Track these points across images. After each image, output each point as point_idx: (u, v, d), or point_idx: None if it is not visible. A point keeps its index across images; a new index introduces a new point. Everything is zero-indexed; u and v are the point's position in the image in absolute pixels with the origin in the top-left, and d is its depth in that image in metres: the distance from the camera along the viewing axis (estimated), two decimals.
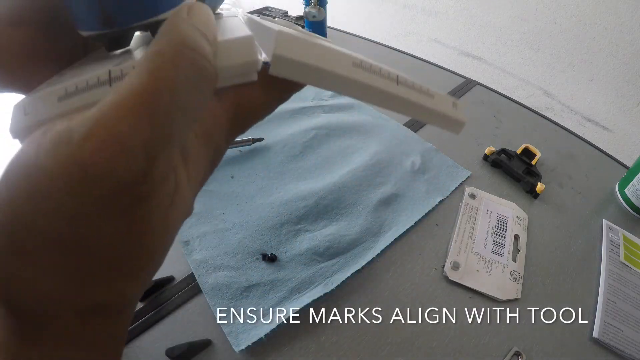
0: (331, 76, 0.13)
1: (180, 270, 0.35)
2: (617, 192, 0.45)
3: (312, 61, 0.13)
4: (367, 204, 0.40)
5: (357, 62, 0.14)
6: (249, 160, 0.45)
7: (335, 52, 0.14)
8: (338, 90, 0.14)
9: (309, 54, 0.13)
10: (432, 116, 0.16)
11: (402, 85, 0.15)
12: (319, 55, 0.13)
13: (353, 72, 0.14)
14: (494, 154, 0.46)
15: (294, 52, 0.13)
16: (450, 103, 0.16)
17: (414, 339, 0.31)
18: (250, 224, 0.38)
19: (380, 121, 0.52)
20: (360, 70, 0.14)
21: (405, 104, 0.15)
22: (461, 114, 0.17)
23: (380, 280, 0.35)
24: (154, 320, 0.32)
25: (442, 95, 0.16)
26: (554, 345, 0.31)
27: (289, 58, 0.13)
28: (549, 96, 0.90)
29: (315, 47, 0.13)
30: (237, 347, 0.29)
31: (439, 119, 0.16)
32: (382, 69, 0.14)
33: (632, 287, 0.36)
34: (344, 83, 0.14)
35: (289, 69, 0.13)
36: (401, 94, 0.15)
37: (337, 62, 0.13)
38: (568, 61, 0.83)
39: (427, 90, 0.16)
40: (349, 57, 0.14)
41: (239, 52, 0.13)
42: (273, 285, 0.33)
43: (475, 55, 1.00)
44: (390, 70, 0.15)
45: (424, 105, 0.15)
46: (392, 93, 0.14)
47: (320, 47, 0.13)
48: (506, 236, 0.39)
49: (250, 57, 0.13)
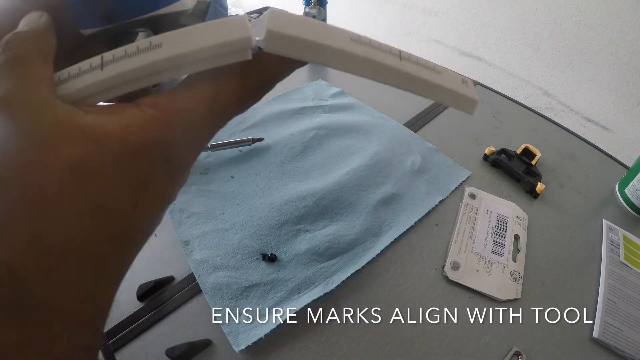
0: (328, 50, 0.13)
1: (180, 270, 0.35)
2: (617, 192, 0.45)
3: (307, 36, 0.13)
4: (367, 204, 0.40)
5: (355, 37, 0.14)
6: (249, 160, 0.45)
7: (331, 28, 0.13)
8: (337, 66, 0.13)
9: (304, 29, 0.13)
10: (440, 93, 0.15)
11: (406, 61, 0.14)
12: (314, 30, 0.13)
13: (352, 46, 0.13)
14: (494, 154, 0.46)
15: (287, 28, 0.12)
16: (459, 80, 0.16)
17: (414, 339, 0.31)
18: (250, 224, 0.38)
19: (380, 121, 0.52)
20: (359, 45, 0.13)
21: (410, 80, 0.14)
22: (472, 91, 0.16)
23: (380, 280, 0.35)
24: (154, 320, 0.32)
25: (450, 71, 0.16)
26: (554, 345, 0.31)
27: (283, 33, 0.12)
28: (549, 96, 0.90)
29: (310, 23, 0.13)
30: (237, 347, 0.29)
31: (448, 96, 0.15)
32: (382, 44, 0.14)
33: (632, 287, 0.36)
34: (342, 57, 0.13)
35: (283, 45, 0.13)
36: (405, 68, 0.14)
37: (334, 37, 0.13)
38: (568, 61, 0.83)
39: (433, 67, 0.15)
40: (346, 32, 0.13)
41: (232, 29, 0.13)
42: (273, 285, 0.33)
43: (475, 55, 1.00)
44: (392, 46, 0.14)
45: (431, 81, 0.15)
46: (395, 68, 0.14)
47: (315, 23, 0.13)
48: (506, 236, 0.39)
49: (243, 34, 0.13)
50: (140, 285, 0.33)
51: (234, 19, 0.13)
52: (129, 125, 0.12)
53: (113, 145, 0.11)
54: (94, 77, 0.12)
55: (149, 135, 0.12)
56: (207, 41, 0.12)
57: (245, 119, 0.52)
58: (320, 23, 0.13)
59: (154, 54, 0.12)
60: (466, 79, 0.16)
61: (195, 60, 0.13)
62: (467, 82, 0.16)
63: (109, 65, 0.12)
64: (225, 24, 0.13)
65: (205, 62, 0.13)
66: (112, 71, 0.12)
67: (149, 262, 0.36)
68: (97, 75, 0.12)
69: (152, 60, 0.12)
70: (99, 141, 0.11)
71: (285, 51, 0.13)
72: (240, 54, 0.13)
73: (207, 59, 0.13)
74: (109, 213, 0.12)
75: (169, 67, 0.13)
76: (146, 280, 0.34)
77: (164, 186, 0.13)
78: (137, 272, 0.35)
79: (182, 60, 0.13)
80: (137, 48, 0.12)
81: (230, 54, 0.13)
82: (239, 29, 0.13)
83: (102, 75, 0.12)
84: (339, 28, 0.14)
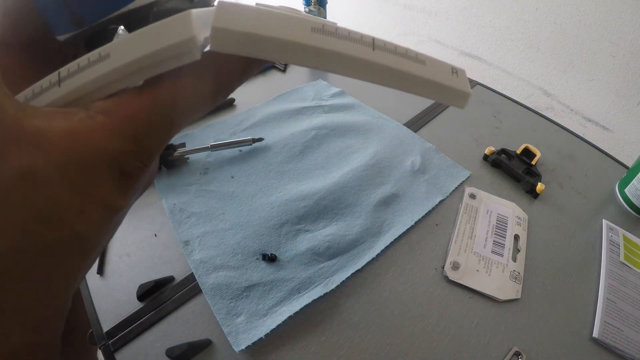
0: (284, 45, 0.12)
1: (180, 270, 0.35)
2: (617, 192, 0.45)
3: (257, 30, 0.11)
4: (367, 204, 0.40)
5: (318, 26, 0.12)
6: (249, 160, 0.45)
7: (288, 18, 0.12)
8: (297, 62, 0.12)
9: (255, 23, 0.11)
10: (424, 87, 0.13)
11: (381, 50, 0.12)
12: (267, 23, 0.11)
13: (312, 38, 0.12)
14: (494, 154, 0.46)
15: (235, 22, 0.11)
16: (448, 70, 0.14)
17: (414, 339, 0.31)
18: (250, 224, 0.38)
19: (380, 121, 0.52)
20: (322, 36, 0.12)
21: (386, 73, 0.12)
22: (464, 82, 0.14)
23: (380, 280, 0.35)
24: (154, 320, 0.32)
25: (437, 61, 0.13)
26: (554, 345, 0.31)
27: (229, 29, 0.11)
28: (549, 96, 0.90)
29: (262, 14, 0.12)
30: (237, 347, 0.29)
31: (434, 90, 0.13)
32: (351, 33, 0.12)
33: (632, 287, 0.36)
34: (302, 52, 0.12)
35: (231, 42, 0.11)
36: (379, 60, 0.12)
37: (291, 29, 0.12)
38: (568, 61, 0.83)
39: (415, 55, 0.13)
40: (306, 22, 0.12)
41: (176, 30, 0.12)
42: (273, 285, 0.33)
43: (475, 55, 1.00)
44: (365, 34, 0.12)
45: (412, 73, 0.13)
46: (366, 60, 0.12)
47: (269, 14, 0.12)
48: (506, 236, 0.39)
49: (186, 34, 0.12)
50: (140, 285, 0.33)
51: (178, 17, 0.12)
52: (75, 133, 0.12)
53: (58, 153, 0.12)
54: (53, 95, 0.13)
55: (94, 144, 0.12)
56: (150, 47, 0.12)
57: (245, 119, 0.52)
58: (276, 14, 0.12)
59: (103, 65, 0.12)
60: (457, 69, 0.14)
61: (144, 67, 0.12)
62: (457, 72, 0.14)
63: (65, 81, 0.12)
64: (169, 24, 0.12)
65: (154, 67, 0.12)
66: (68, 87, 0.12)
67: (149, 262, 0.36)
68: (56, 92, 0.12)
69: (102, 72, 0.12)
70: (44, 149, 0.11)
71: (235, 49, 0.11)
72: (187, 55, 0.12)
73: (156, 65, 0.12)
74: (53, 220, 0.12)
75: (119, 77, 0.12)
76: (146, 280, 0.34)
77: (113, 195, 0.13)
78: (137, 272, 0.35)
79: (130, 69, 0.12)
80: (88, 60, 0.12)
81: (177, 57, 0.12)
82: (182, 29, 0.12)
83: (60, 92, 0.12)
84: (299, 17, 0.12)
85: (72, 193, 0.12)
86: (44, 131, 0.12)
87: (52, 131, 0.12)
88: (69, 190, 0.12)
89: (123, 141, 0.12)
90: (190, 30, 0.12)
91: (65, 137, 0.12)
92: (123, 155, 0.13)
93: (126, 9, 0.14)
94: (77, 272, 0.13)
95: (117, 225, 0.15)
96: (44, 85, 0.13)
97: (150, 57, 0.12)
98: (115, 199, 0.13)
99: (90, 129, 0.12)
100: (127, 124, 0.13)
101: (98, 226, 0.13)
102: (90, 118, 0.12)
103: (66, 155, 0.12)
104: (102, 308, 0.33)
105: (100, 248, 0.14)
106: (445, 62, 0.14)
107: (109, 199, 0.13)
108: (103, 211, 0.13)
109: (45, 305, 0.12)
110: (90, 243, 0.13)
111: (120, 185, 0.13)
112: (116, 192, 0.13)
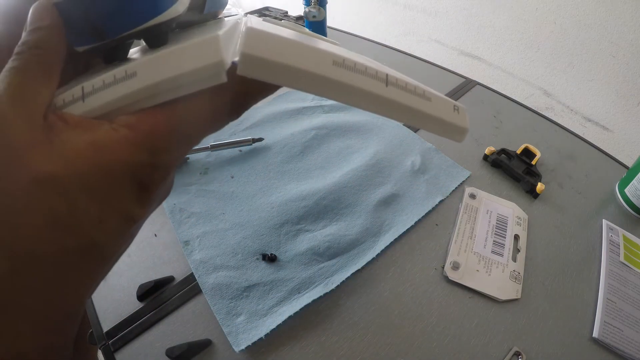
0: (307, 76, 0.12)
1: (180, 270, 0.35)
2: (617, 192, 0.45)
3: (285, 59, 0.12)
4: (367, 204, 0.40)
5: (339, 60, 0.13)
6: (249, 160, 0.45)
7: (313, 50, 0.12)
8: (317, 92, 0.12)
9: (282, 52, 0.12)
10: (428, 122, 0.14)
11: (393, 87, 0.13)
12: (293, 53, 0.12)
13: (333, 71, 0.12)
14: (494, 154, 0.46)
15: (264, 50, 0.12)
16: (450, 107, 0.15)
17: (414, 339, 0.31)
18: (250, 224, 0.38)
19: (380, 121, 0.52)
20: (342, 70, 0.12)
21: (396, 108, 0.13)
22: (463, 119, 0.15)
23: (380, 280, 0.35)
24: (154, 320, 0.32)
25: (442, 98, 0.14)
26: (554, 345, 0.31)
27: (258, 56, 0.12)
28: (549, 96, 0.90)
29: (289, 44, 0.12)
30: (237, 347, 0.29)
31: (437, 125, 0.14)
32: (368, 68, 0.13)
33: (632, 287, 0.36)
34: (322, 84, 0.12)
35: (259, 69, 0.12)
36: (391, 96, 0.13)
37: (315, 61, 0.12)
38: (568, 61, 0.83)
39: (422, 93, 0.14)
40: (329, 55, 0.12)
41: (204, 53, 0.12)
42: (273, 285, 0.33)
43: (475, 55, 1.00)
44: (379, 69, 0.13)
45: (419, 110, 0.14)
46: (380, 95, 0.13)
47: (295, 45, 0.12)
48: (506, 236, 0.39)
49: (215, 58, 0.12)
50: (140, 285, 0.33)
51: (206, 41, 0.12)
52: (99, 145, 0.12)
53: (81, 162, 0.12)
54: (77, 109, 0.13)
55: (117, 156, 0.12)
56: (179, 69, 0.12)
57: (245, 119, 0.52)
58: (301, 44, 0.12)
59: (129, 84, 0.12)
60: (458, 106, 0.15)
61: (170, 88, 0.12)
62: (459, 109, 0.15)
63: (89, 97, 0.13)
64: (197, 48, 0.12)
65: (181, 88, 0.13)
66: (93, 103, 0.13)
67: (149, 262, 0.36)
68: (79, 107, 0.13)
69: (128, 91, 0.12)
70: (67, 159, 0.12)
71: (261, 75, 0.12)
72: (214, 78, 0.12)
73: (182, 86, 0.12)
74: (71, 227, 0.12)
75: (145, 95, 0.13)
76: (146, 280, 0.34)
77: (131, 205, 0.13)
78: (137, 272, 0.35)
79: (157, 89, 0.12)
80: (114, 77, 0.13)
81: (205, 79, 0.12)
82: (211, 52, 0.12)
83: (84, 108, 0.13)
84: (322, 50, 0.12)
85: (92, 202, 0.12)
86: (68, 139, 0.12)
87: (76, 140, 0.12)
88: (89, 199, 0.12)
89: (144, 154, 0.13)
90: (219, 54, 0.12)
91: (89, 147, 0.12)
92: (143, 168, 0.13)
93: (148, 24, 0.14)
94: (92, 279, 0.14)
95: (134, 235, 0.15)
96: (66, 99, 0.13)
97: (178, 79, 0.12)
98: (133, 209, 0.14)
99: (114, 141, 0.12)
100: (148, 138, 0.13)
101: (115, 235, 0.13)
102: (115, 131, 0.13)
103: (88, 164, 0.12)
104: (102, 308, 0.33)
105: (116, 257, 0.14)
106: (448, 99, 0.15)
107: (127, 209, 0.13)
108: (121, 221, 0.13)
109: (58, 309, 0.13)
110: (107, 251, 0.14)
111: (139, 196, 0.14)
112: (135, 203, 0.14)
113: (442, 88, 0.60)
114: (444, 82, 0.62)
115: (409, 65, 0.66)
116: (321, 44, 0.13)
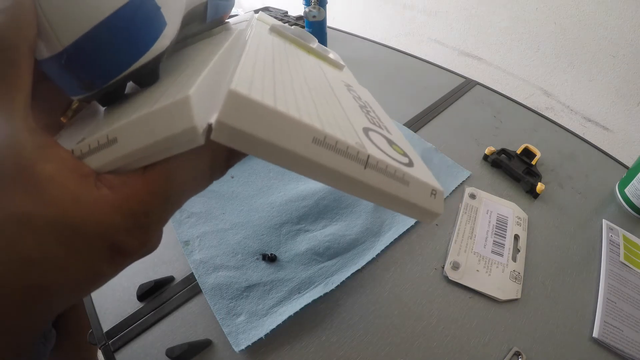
0: (282, 153, 0.11)
1: (180, 270, 0.35)
2: (617, 192, 0.45)
3: (261, 134, 0.11)
4: (367, 204, 0.40)
5: (320, 137, 0.12)
6: (249, 160, 0.45)
7: (295, 124, 0.12)
8: (291, 169, 0.12)
9: (260, 124, 0.11)
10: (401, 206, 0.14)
11: (371, 169, 0.13)
12: (272, 126, 0.11)
13: (311, 150, 0.12)
14: (494, 154, 0.46)
15: (241, 120, 0.11)
16: (428, 191, 0.14)
17: (414, 339, 0.31)
18: (250, 224, 0.38)
19: None
20: (321, 149, 0.12)
21: (370, 192, 0.13)
22: (439, 204, 0.14)
23: (380, 280, 0.35)
24: (154, 320, 0.32)
25: (421, 182, 0.14)
26: (554, 345, 0.31)
27: (233, 126, 0.11)
28: (549, 96, 0.90)
29: (270, 116, 0.11)
30: (237, 347, 0.29)
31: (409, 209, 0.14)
32: (350, 147, 0.12)
33: (632, 287, 0.36)
34: (298, 162, 0.12)
35: (233, 139, 0.11)
36: (368, 180, 0.13)
37: (294, 137, 0.11)
38: (568, 61, 0.83)
39: (402, 176, 0.13)
40: (310, 130, 0.12)
41: (174, 119, 0.12)
42: (273, 285, 0.33)
43: (475, 55, 1.00)
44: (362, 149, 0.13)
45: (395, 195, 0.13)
46: (356, 179, 0.12)
47: (277, 116, 0.11)
48: (506, 236, 0.39)
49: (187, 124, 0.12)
50: (140, 285, 0.33)
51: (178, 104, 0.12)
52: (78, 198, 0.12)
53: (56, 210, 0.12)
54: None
55: (92, 215, 0.12)
56: (152, 136, 0.12)
57: None
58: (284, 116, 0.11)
59: (111, 151, 0.13)
60: (436, 190, 0.14)
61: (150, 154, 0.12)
62: (435, 194, 0.14)
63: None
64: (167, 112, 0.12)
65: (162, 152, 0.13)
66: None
67: (149, 262, 0.36)
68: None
69: (110, 158, 0.13)
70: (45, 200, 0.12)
71: (235, 145, 0.11)
72: (190, 142, 0.12)
73: (163, 150, 0.12)
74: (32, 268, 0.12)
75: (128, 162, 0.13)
76: (146, 280, 0.34)
77: (100, 263, 0.13)
78: (137, 272, 0.35)
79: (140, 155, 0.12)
80: (97, 143, 0.13)
81: (182, 144, 0.12)
82: (183, 118, 0.12)
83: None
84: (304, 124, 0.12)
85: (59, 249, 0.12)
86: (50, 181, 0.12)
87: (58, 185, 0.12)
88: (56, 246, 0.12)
89: (120, 217, 0.13)
90: (191, 121, 0.12)
91: (68, 198, 0.12)
92: (117, 231, 0.13)
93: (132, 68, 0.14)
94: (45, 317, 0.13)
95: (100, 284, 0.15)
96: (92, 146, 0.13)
97: (154, 146, 0.12)
98: (102, 267, 0.13)
99: (93, 199, 0.12)
100: (127, 201, 0.13)
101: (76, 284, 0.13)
102: (98, 188, 0.12)
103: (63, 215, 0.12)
104: (102, 308, 0.33)
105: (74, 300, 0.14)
106: (428, 183, 0.14)
107: (94, 266, 0.13)
108: (85, 273, 0.13)
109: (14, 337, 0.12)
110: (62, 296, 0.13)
111: (111, 256, 0.13)
112: (105, 262, 0.13)
113: (442, 88, 0.60)
114: (444, 82, 0.62)
115: (409, 66, 0.66)
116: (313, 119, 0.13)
